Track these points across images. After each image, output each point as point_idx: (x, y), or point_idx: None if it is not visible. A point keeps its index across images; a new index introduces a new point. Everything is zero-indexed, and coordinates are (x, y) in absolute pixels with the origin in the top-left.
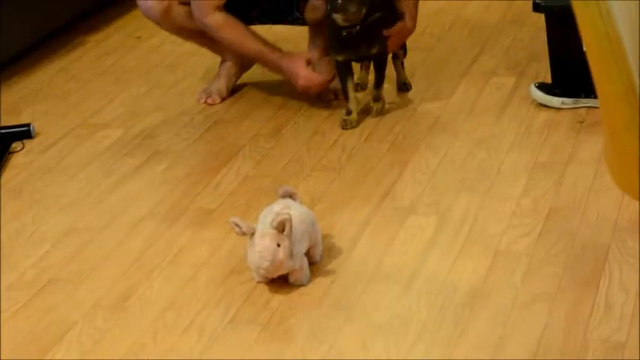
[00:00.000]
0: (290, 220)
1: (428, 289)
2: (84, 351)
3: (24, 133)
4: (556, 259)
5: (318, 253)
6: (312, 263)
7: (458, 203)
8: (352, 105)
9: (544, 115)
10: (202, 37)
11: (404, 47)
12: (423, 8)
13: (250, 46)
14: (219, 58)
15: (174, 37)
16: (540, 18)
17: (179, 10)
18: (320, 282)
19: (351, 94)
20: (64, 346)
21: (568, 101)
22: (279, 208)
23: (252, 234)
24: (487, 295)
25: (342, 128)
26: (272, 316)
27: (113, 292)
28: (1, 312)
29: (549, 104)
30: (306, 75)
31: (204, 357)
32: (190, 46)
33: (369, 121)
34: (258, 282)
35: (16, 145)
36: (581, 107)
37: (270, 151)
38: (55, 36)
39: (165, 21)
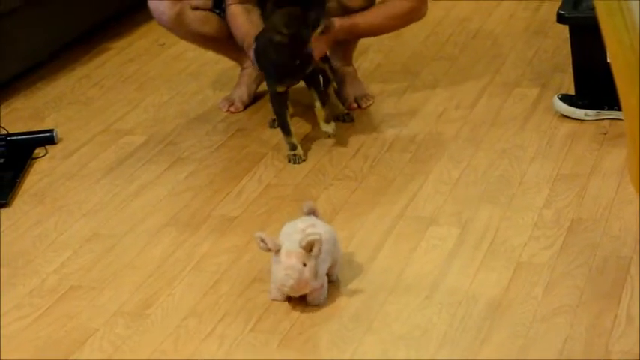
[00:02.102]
0: (320, 241)
1: (449, 300)
2: (105, 358)
3: (47, 139)
4: (578, 271)
5: (336, 271)
6: (330, 281)
7: (480, 214)
8: (295, 139)
9: (567, 126)
10: (218, 43)
11: (327, 60)
12: (447, 18)
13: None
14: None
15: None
16: (564, 29)
17: (192, 16)
18: (341, 292)
19: (291, 127)
20: (85, 352)
21: (591, 113)
22: (304, 225)
23: (278, 250)
24: (508, 306)
25: (292, 163)
26: (292, 326)
27: (135, 299)
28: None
29: (572, 116)
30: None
31: None
32: (213, 54)
33: (391, 131)
34: (273, 299)
35: (39, 151)
36: (604, 119)
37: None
38: (78, 42)
39: (178, 26)
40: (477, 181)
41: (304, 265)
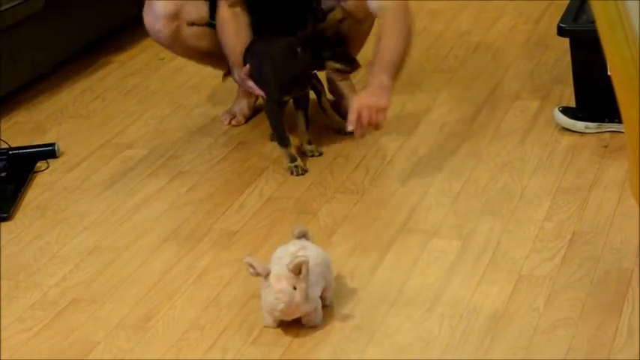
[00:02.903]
0: (307, 262)
1: (450, 313)
2: None
3: (48, 153)
4: (579, 283)
5: (330, 295)
6: (323, 306)
7: (481, 227)
8: (294, 149)
9: (568, 139)
10: (216, 57)
11: (317, 78)
12: (447, 31)
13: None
14: None
15: None
16: (565, 42)
17: (189, 32)
18: (343, 304)
19: (289, 138)
20: None
21: (592, 125)
22: (295, 249)
23: (267, 275)
24: (510, 319)
25: (295, 175)
26: (294, 338)
27: (136, 312)
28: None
29: (573, 128)
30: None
31: None
32: (213, 69)
33: (392, 144)
34: (265, 326)
35: (40, 165)
36: (605, 131)
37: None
38: (80, 56)
39: (174, 44)
40: (478, 194)
41: (294, 288)
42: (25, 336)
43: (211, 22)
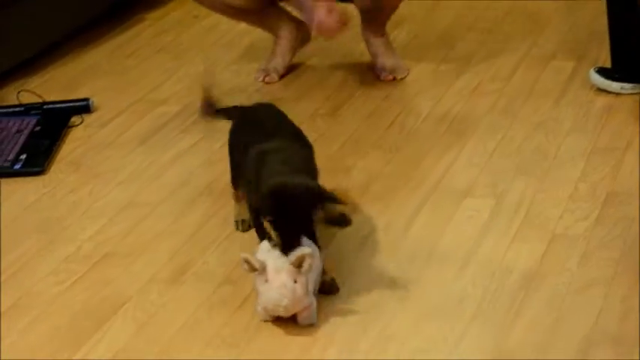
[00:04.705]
0: (311, 256)
1: (483, 271)
2: (139, 325)
3: (83, 108)
4: (613, 243)
5: (316, 287)
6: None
7: (514, 186)
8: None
9: (603, 99)
10: (249, 14)
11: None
12: None
13: None
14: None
15: None
16: (601, 2)
17: None
18: (376, 262)
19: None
20: (118, 319)
21: (627, 86)
22: None
23: (263, 269)
24: (542, 278)
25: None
26: (323, 298)
27: (169, 266)
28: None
29: (609, 89)
30: (319, 21)
31: (258, 332)
32: (246, 25)
33: (427, 102)
34: (262, 320)
35: (75, 120)
36: None
37: (327, 131)
38: (114, 12)
39: None
40: (512, 154)
41: (295, 282)
42: (58, 289)
43: None
